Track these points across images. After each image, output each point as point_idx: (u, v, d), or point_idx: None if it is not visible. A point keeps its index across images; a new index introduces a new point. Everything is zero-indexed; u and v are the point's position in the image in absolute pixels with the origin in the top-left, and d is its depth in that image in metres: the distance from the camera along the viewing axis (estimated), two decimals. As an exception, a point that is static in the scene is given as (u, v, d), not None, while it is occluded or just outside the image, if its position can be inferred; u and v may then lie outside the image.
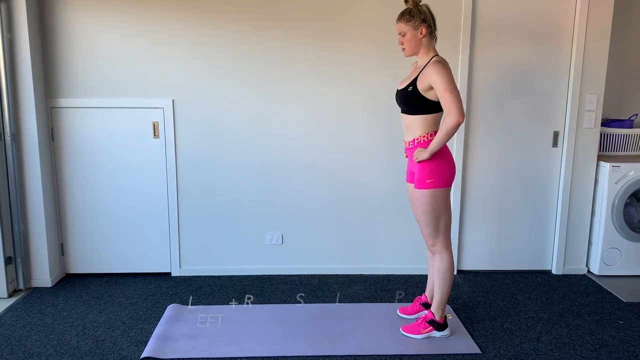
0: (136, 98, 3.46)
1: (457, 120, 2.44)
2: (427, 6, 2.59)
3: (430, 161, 2.59)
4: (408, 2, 2.57)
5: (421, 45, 2.60)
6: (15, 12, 3.17)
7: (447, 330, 2.79)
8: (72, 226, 3.61)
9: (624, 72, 3.92)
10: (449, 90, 2.45)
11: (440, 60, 2.55)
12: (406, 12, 2.56)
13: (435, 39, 2.64)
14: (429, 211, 2.64)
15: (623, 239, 3.64)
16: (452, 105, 2.44)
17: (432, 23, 2.59)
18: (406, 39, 2.59)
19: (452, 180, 2.66)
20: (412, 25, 2.55)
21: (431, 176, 2.59)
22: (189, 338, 2.78)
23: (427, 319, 2.77)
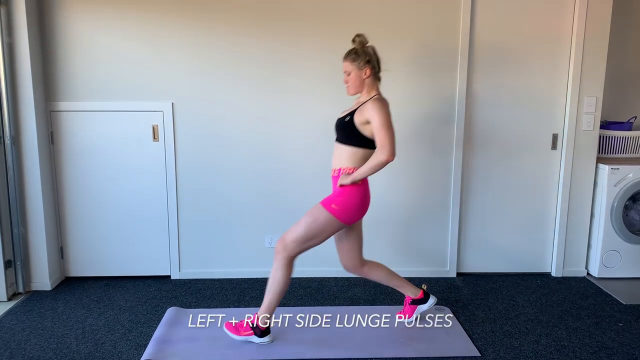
0: (136, 101, 3.47)
1: (387, 158, 2.48)
2: (373, 48, 2.64)
3: (346, 192, 2.60)
4: (355, 42, 2.61)
5: (364, 85, 2.65)
6: (15, 16, 3.18)
7: (267, 338, 2.74)
8: (71, 229, 3.61)
9: (623, 74, 3.92)
10: (385, 127, 2.49)
11: (381, 99, 2.59)
12: (352, 52, 2.61)
13: (379, 80, 2.68)
14: (310, 227, 2.62)
15: (622, 241, 3.64)
16: (385, 142, 2.48)
17: (376, 64, 2.64)
18: (350, 78, 2.63)
19: (353, 220, 2.67)
20: (356, 65, 2.60)
21: (338, 205, 2.61)
22: (189, 341, 2.78)
23: (252, 322, 2.73)
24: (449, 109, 3.55)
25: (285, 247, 2.65)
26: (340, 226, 2.66)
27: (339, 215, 2.61)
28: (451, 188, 3.64)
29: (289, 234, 2.65)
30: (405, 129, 3.56)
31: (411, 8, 3.43)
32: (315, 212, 2.64)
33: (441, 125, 3.57)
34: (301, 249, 2.67)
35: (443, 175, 3.64)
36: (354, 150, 2.62)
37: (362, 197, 2.63)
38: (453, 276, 3.77)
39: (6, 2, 3.15)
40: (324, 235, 2.66)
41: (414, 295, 2.97)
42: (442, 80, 3.52)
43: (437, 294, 3.44)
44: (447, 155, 3.61)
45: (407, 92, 3.52)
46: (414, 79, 3.50)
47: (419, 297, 2.97)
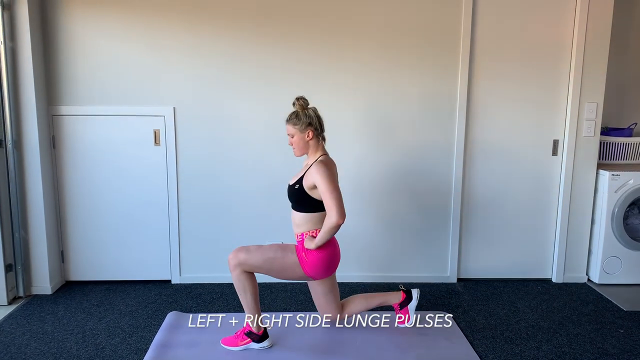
0: (137, 106, 3.48)
1: (336, 221, 2.50)
2: (314, 110, 2.68)
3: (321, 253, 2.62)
4: (295, 105, 2.65)
5: (309, 147, 2.68)
6: (18, 21, 3.19)
7: (266, 342, 2.74)
8: (72, 233, 3.61)
9: (624, 80, 3.93)
10: (330, 191, 2.51)
11: (324, 160, 2.61)
12: (292, 115, 2.65)
13: (323, 139, 2.71)
14: (273, 261, 2.63)
15: (623, 247, 3.64)
16: (332, 206, 2.50)
17: (318, 126, 2.66)
18: (294, 141, 2.67)
19: (320, 276, 2.69)
20: (298, 128, 2.64)
21: (309, 259, 2.62)
22: (189, 346, 2.77)
23: (245, 330, 2.74)
24: (450, 114, 3.56)
25: (238, 264, 2.64)
26: (304, 277, 2.69)
27: (306, 267, 2.63)
28: (452, 193, 3.65)
29: (247, 256, 2.63)
30: (407, 135, 3.57)
31: (412, 18, 3.44)
32: (287, 250, 2.66)
33: (442, 131, 3.58)
34: (253, 271, 2.66)
35: (444, 180, 3.64)
36: (310, 216, 2.66)
37: (330, 256, 2.66)
38: (454, 282, 3.77)
39: (9, 7, 3.17)
40: (282, 275, 2.69)
41: (398, 300, 2.99)
42: (443, 86, 3.52)
43: (437, 300, 3.44)
44: (447, 160, 3.61)
45: (408, 98, 3.52)
46: (415, 86, 3.51)
47: (403, 299, 2.98)
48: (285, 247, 2.68)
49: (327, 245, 2.65)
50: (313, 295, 2.89)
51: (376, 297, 2.96)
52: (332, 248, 2.68)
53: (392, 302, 2.99)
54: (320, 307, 2.90)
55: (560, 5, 3.49)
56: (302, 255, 2.63)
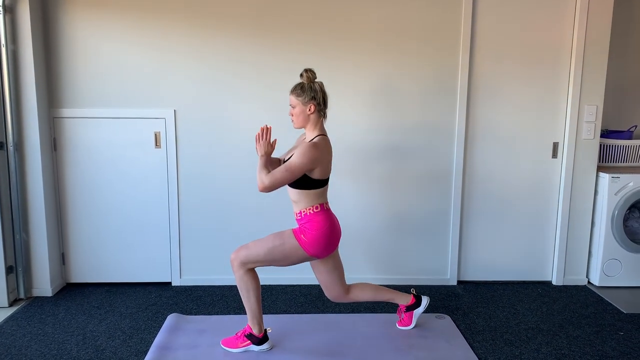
0: (138, 108, 3.49)
1: (259, 187, 2.51)
2: (320, 84, 2.64)
3: (314, 227, 2.60)
4: (302, 77, 2.62)
5: (308, 121, 2.63)
6: (20, 24, 3.21)
7: (266, 345, 2.74)
8: (73, 236, 3.62)
9: (623, 83, 3.94)
10: (289, 170, 2.50)
11: (318, 143, 2.56)
12: (298, 87, 2.62)
13: (324, 116, 2.68)
14: (274, 250, 2.62)
15: (623, 250, 3.64)
16: (272, 178, 2.49)
17: (321, 101, 2.62)
18: (295, 112, 2.63)
19: (323, 254, 2.66)
20: (301, 100, 2.60)
21: (307, 238, 2.60)
22: (189, 348, 2.78)
23: (246, 332, 2.74)
24: (449, 118, 3.56)
25: (241, 263, 2.64)
26: (307, 258, 2.66)
27: (306, 247, 2.61)
28: (452, 196, 3.65)
29: (247, 252, 2.63)
30: (406, 138, 3.57)
31: (412, 20, 3.45)
32: (284, 236, 2.64)
33: (441, 135, 3.58)
34: (257, 266, 2.66)
35: (443, 183, 3.64)
36: (305, 193, 2.61)
37: (329, 232, 2.62)
38: (454, 284, 3.77)
39: (11, 10, 3.18)
40: (287, 261, 2.67)
41: (407, 302, 2.98)
42: (443, 89, 3.53)
43: (437, 302, 3.44)
44: (447, 163, 3.62)
45: (408, 100, 3.53)
46: (415, 88, 3.52)
47: (411, 303, 2.97)
48: (282, 234, 2.65)
49: (324, 221, 2.61)
50: (317, 276, 2.82)
51: (386, 292, 2.94)
52: (330, 224, 2.63)
53: (399, 302, 2.98)
54: (325, 286, 2.83)
55: (560, 7, 3.50)
56: (301, 236, 2.61)
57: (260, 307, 2.71)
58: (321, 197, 2.65)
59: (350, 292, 2.87)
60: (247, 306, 2.70)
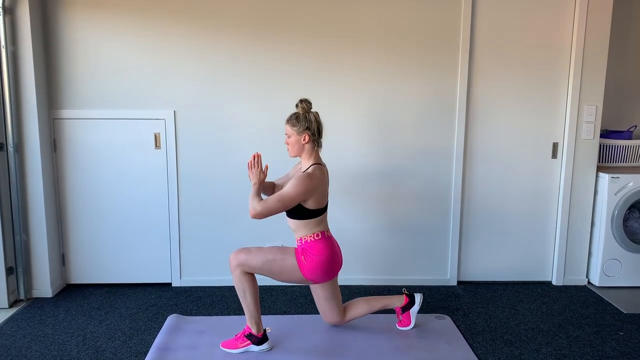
0: (138, 109, 3.49)
1: (250, 214, 2.54)
2: (315, 115, 2.67)
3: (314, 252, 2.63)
4: (297, 107, 2.65)
5: (303, 150, 2.67)
6: (19, 25, 3.21)
7: (266, 345, 2.75)
8: (73, 236, 3.62)
9: (623, 83, 3.94)
10: (281, 200, 2.53)
11: (312, 173, 2.59)
12: (292, 117, 2.65)
13: (319, 146, 2.71)
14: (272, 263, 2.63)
15: (623, 250, 3.64)
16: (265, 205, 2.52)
17: (316, 131, 2.66)
18: (290, 141, 2.67)
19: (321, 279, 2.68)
20: (296, 130, 2.64)
21: (307, 262, 2.62)
22: (189, 349, 2.78)
23: (245, 333, 2.75)
24: (449, 117, 3.57)
25: (239, 265, 2.65)
26: (304, 281, 2.69)
27: (304, 271, 2.63)
28: (452, 196, 3.65)
29: (247, 256, 2.64)
30: (406, 139, 3.58)
31: (411, 20, 3.45)
32: (286, 252, 2.66)
33: (441, 134, 3.59)
34: (253, 272, 2.67)
35: (444, 183, 3.64)
36: (304, 222, 2.65)
37: (329, 261, 2.65)
38: (454, 284, 3.77)
39: (10, 12, 3.19)
40: (282, 277, 2.69)
41: (401, 304, 2.99)
42: (443, 90, 3.54)
43: (437, 302, 3.44)
44: (447, 162, 3.62)
45: (408, 101, 3.53)
46: (415, 88, 3.52)
47: (405, 303, 2.99)
48: (285, 249, 2.69)
49: (326, 250, 2.65)
50: (315, 299, 2.90)
51: (379, 300, 2.96)
52: (331, 252, 2.68)
53: (394, 306, 2.99)
54: (323, 312, 2.91)
55: (560, 7, 3.50)
56: (301, 258, 2.64)
57: (258, 307, 2.72)
58: (321, 225, 2.68)
59: (346, 314, 2.93)
60: (244, 306, 2.71)
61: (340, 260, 2.78)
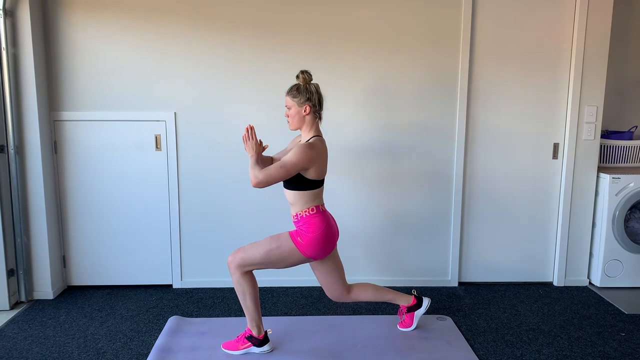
0: (138, 111, 3.50)
1: (252, 182, 2.51)
2: (316, 86, 2.65)
3: (310, 229, 2.60)
4: (298, 78, 2.64)
5: (304, 122, 2.65)
6: (20, 27, 3.22)
7: (267, 346, 2.75)
8: (74, 238, 3.63)
9: (624, 84, 3.94)
10: (284, 168, 2.50)
11: (313, 144, 2.57)
12: (293, 88, 2.64)
13: (319, 118, 2.69)
14: (271, 253, 2.62)
15: (624, 250, 3.64)
16: (267, 172, 2.50)
17: (317, 103, 2.64)
18: (291, 113, 2.65)
19: (320, 255, 2.66)
20: (297, 101, 2.61)
21: (304, 240, 2.61)
22: (190, 350, 2.78)
23: (246, 334, 2.74)
24: (449, 119, 3.57)
25: (238, 266, 2.64)
26: (304, 260, 2.67)
27: (303, 249, 2.62)
28: (452, 197, 3.65)
29: (244, 255, 2.63)
30: (406, 140, 3.58)
31: (412, 21, 3.45)
32: (281, 239, 2.64)
33: (442, 136, 3.59)
34: (254, 268, 2.66)
35: (445, 183, 3.64)
36: (301, 194, 2.63)
37: (325, 234, 2.63)
38: (455, 286, 3.77)
39: (11, 14, 3.19)
40: (284, 264, 2.67)
41: (408, 303, 2.98)
42: (443, 91, 3.54)
43: (438, 304, 3.44)
44: (447, 164, 3.62)
45: (408, 102, 3.54)
46: (415, 89, 3.52)
47: (413, 304, 2.98)
48: (279, 236, 2.66)
49: (320, 224, 2.62)
50: (317, 277, 2.83)
51: (387, 292, 2.94)
52: (326, 226, 2.64)
53: (401, 303, 2.98)
54: (326, 286, 2.83)
55: (560, 8, 3.50)
56: (297, 239, 2.61)
57: (259, 309, 2.72)
58: (317, 199, 2.66)
59: (352, 291, 2.87)
60: (245, 309, 2.70)
61: (337, 233, 2.73)
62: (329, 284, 2.82)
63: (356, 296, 2.88)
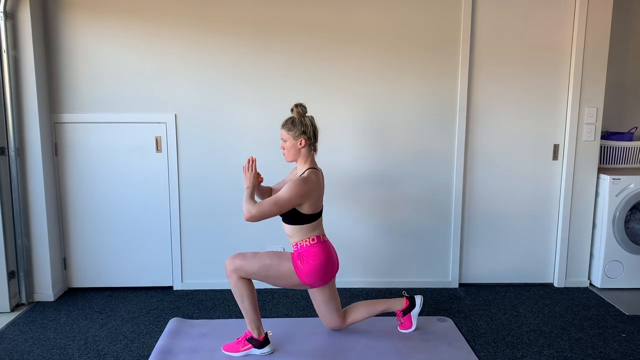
0: (139, 113, 3.50)
1: (245, 216, 2.53)
2: (311, 119, 2.67)
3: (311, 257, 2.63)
4: (293, 112, 2.66)
5: (299, 155, 2.67)
6: (20, 30, 3.22)
7: (267, 348, 2.75)
8: (75, 240, 3.63)
9: (624, 85, 3.94)
10: (277, 204, 2.52)
11: (308, 177, 2.59)
12: (288, 121, 2.66)
13: (315, 150, 2.71)
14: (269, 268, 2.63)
15: (624, 251, 3.64)
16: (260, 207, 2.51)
17: (312, 135, 2.66)
18: (287, 146, 2.67)
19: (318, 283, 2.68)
20: (292, 134, 2.64)
21: (304, 266, 2.62)
22: (191, 352, 2.78)
23: (247, 336, 2.75)
24: (449, 119, 3.57)
25: (235, 270, 2.64)
26: (301, 285, 2.69)
27: (301, 275, 2.63)
28: (452, 199, 3.65)
29: (243, 262, 2.63)
30: (407, 141, 3.58)
31: (412, 23, 3.46)
32: (282, 258, 2.66)
33: (442, 137, 3.59)
34: (249, 277, 2.67)
35: (444, 185, 3.65)
36: (299, 228, 2.65)
37: (325, 264, 2.65)
38: (455, 287, 3.77)
39: (12, 16, 3.20)
40: (278, 282, 2.68)
41: (401, 307, 2.99)
42: (443, 92, 3.54)
43: (439, 305, 3.44)
44: (448, 164, 3.62)
45: (408, 104, 3.54)
46: (415, 91, 3.53)
47: (406, 306, 2.99)
48: (281, 254, 2.68)
49: (322, 253, 2.65)
50: (314, 304, 2.89)
51: (379, 303, 2.96)
52: (327, 256, 2.68)
53: (395, 309, 2.99)
54: (322, 316, 2.90)
55: (560, 9, 3.51)
56: (298, 263, 2.64)
57: (257, 311, 2.72)
58: (316, 230, 2.68)
59: (346, 318, 2.92)
60: (243, 311, 2.71)
61: (337, 264, 2.78)
62: (325, 313, 2.87)
63: (351, 320, 2.93)
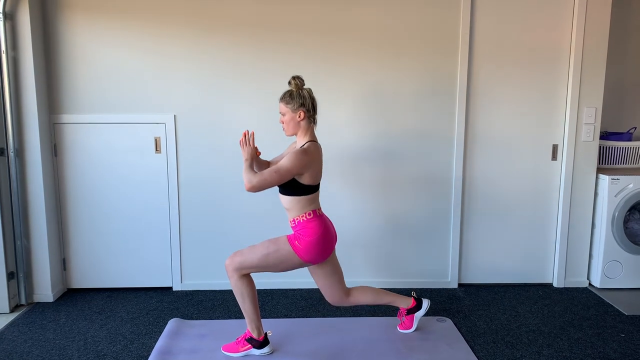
0: (138, 114, 3.50)
1: (246, 187, 2.52)
2: (309, 91, 2.65)
3: (308, 233, 2.61)
4: (290, 84, 2.64)
5: (299, 128, 2.65)
6: (20, 30, 3.22)
7: (267, 348, 2.75)
8: (74, 241, 3.63)
9: (622, 85, 3.95)
10: (279, 173, 2.51)
11: (308, 149, 2.58)
12: (286, 94, 2.63)
13: (314, 122, 2.69)
14: (269, 257, 2.62)
15: (624, 251, 3.64)
16: (262, 177, 2.50)
17: (311, 108, 2.64)
18: (285, 120, 2.65)
19: (318, 259, 2.66)
20: (290, 107, 2.62)
21: (301, 244, 2.61)
22: (190, 352, 2.78)
23: (246, 337, 2.75)
24: (448, 120, 3.57)
25: (235, 269, 2.64)
26: (302, 264, 2.67)
27: (301, 254, 2.62)
28: (452, 199, 3.65)
29: (242, 258, 2.63)
30: (405, 142, 3.58)
31: (411, 23, 3.46)
32: (279, 243, 2.65)
33: (441, 137, 3.59)
34: (252, 271, 2.66)
35: (444, 185, 3.65)
36: (297, 199, 2.63)
37: (323, 238, 2.63)
38: (455, 287, 3.77)
39: (11, 17, 3.20)
40: (281, 267, 2.67)
41: (407, 305, 2.99)
42: (442, 92, 3.54)
43: (438, 305, 3.44)
44: (447, 165, 3.62)
45: (408, 104, 3.54)
46: (415, 91, 3.53)
47: (412, 306, 2.99)
48: (277, 240, 2.66)
49: (318, 228, 2.62)
50: (316, 280, 2.83)
51: (386, 295, 2.95)
52: (324, 230, 2.64)
53: (400, 305, 2.99)
54: (324, 290, 2.84)
55: (559, 9, 3.51)
56: (295, 243, 2.62)
57: (258, 311, 2.72)
58: (313, 204, 2.66)
59: (351, 295, 2.87)
60: (243, 311, 2.71)
61: (334, 236, 2.74)
62: (328, 287, 2.82)
63: (355, 300, 2.89)
